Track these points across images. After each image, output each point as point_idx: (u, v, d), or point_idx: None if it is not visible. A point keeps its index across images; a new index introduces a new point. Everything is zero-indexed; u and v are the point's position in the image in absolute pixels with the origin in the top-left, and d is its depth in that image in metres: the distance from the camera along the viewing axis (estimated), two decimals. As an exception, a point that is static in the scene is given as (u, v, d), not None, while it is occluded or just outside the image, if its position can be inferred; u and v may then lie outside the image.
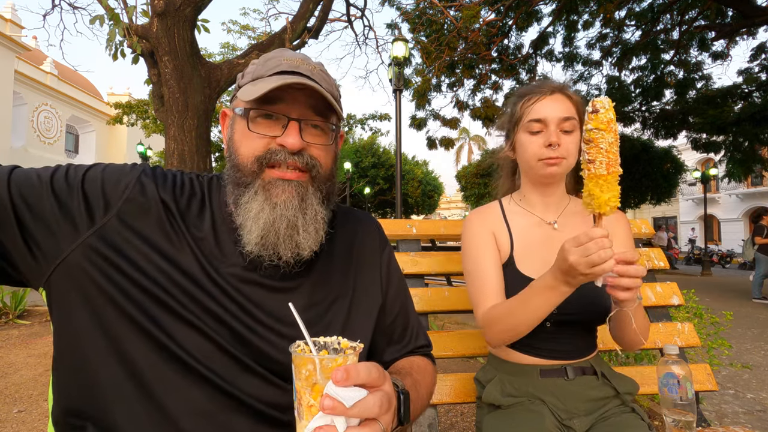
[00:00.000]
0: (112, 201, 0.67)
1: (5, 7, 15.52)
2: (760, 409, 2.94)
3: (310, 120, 0.72)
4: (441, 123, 11.86)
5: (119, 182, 0.69)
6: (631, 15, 10.10)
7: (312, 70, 0.73)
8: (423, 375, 0.81)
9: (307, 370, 0.50)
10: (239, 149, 0.72)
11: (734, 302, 7.90)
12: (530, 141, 1.08)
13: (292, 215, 0.69)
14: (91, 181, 0.68)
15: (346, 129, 14.67)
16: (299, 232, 0.70)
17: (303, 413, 0.50)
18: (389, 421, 0.54)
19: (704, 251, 15.56)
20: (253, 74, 0.73)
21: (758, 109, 8.94)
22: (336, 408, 0.46)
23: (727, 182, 12.99)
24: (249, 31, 12.09)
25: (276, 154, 0.69)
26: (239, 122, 0.73)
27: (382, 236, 0.91)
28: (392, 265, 0.90)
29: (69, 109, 19.29)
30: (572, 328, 1.05)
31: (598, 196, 0.78)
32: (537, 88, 1.10)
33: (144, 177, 0.72)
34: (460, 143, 47.86)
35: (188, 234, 0.70)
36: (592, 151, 0.78)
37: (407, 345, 0.88)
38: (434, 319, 5.11)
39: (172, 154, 3.23)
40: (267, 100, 0.69)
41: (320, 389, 0.49)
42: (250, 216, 0.69)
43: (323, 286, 0.78)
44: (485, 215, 1.17)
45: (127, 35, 3.12)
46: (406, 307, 0.90)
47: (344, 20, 7.02)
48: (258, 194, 0.70)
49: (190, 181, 0.77)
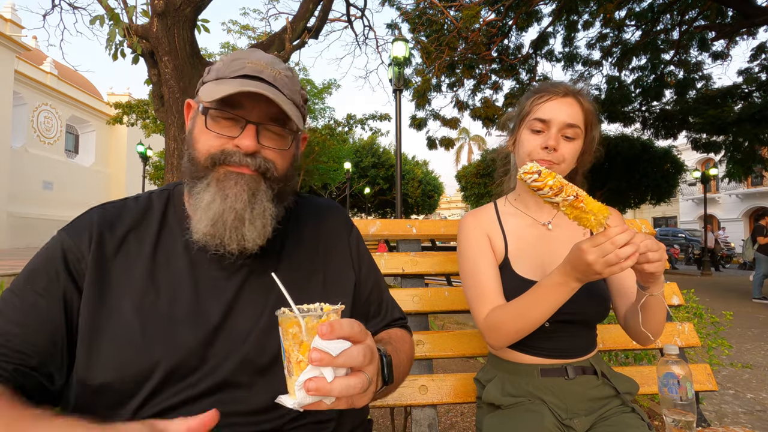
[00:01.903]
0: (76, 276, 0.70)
1: (5, 7, 15.52)
2: (760, 409, 2.94)
3: (267, 125, 0.74)
4: (441, 123, 11.86)
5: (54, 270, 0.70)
6: (631, 15, 10.09)
7: (276, 75, 0.74)
8: (401, 343, 0.86)
9: (293, 330, 0.53)
10: (196, 144, 0.74)
11: (734, 302, 7.90)
12: (530, 139, 1.08)
13: (240, 207, 0.71)
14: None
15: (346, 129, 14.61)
16: (245, 224, 0.72)
17: (293, 369, 0.53)
18: (374, 372, 0.58)
19: (704, 251, 15.55)
20: (217, 73, 0.75)
21: (758, 109, 8.94)
22: (323, 359, 0.50)
23: (727, 182, 12.99)
24: (249, 31, 12.07)
25: (230, 155, 0.72)
26: (200, 118, 0.75)
27: (348, 220, 0.96)
28: (361, 246, 0.95)
29: (69, 109, 19.29)
30: (571, 327, 1.05)
31: (588, 219, 0.80)
32: (551, 87, 1.08)
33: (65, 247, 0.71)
34: (460, 143, 47.87)
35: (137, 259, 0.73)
36: (556, 200, 0.81)
37: (384, 318, 0.93)
38: (434, 319, 5.10)
39: (172, 154, 3.23)
40: (226, 102, 0.71)
41: (307, 346, 0.52)
42: (201, 206, 0.72)
43: (295, 271, 0.81)
44: (479, 217, 1.17)
45: (127, 35, 3.12)
46: (378, 283, 0.95)
47: (344, 20, 7.02)
48: (210, 185, 0.72)
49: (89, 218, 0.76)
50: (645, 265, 0.81)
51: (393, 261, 1.43)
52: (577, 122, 1.05)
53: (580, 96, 1.07)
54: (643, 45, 10.11)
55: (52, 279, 0.68)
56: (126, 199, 0.81)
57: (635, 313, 0.96)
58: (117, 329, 0.67)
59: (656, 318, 0.94)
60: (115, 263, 0.72)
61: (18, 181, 15.83)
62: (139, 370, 0.66)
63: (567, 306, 0.93)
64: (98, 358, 0.66)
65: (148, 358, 0.66)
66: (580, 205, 0.79)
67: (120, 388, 0.66)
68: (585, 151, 1.12)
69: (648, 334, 0.95)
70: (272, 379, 0.72)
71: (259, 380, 0.72)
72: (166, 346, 0.68)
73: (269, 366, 0.73)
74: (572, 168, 1.11)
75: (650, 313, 0.93)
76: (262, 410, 0.71)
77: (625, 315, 1.04)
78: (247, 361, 0.71)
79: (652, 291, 0.88)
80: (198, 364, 0.69)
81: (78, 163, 19.99)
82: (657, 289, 0.88)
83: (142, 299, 0.70)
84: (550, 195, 0.80)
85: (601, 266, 0.79)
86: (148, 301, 0.70)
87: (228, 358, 0.70)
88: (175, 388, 0.67)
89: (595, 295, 1.04)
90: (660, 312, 0.92)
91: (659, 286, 0.87)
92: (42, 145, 17.81)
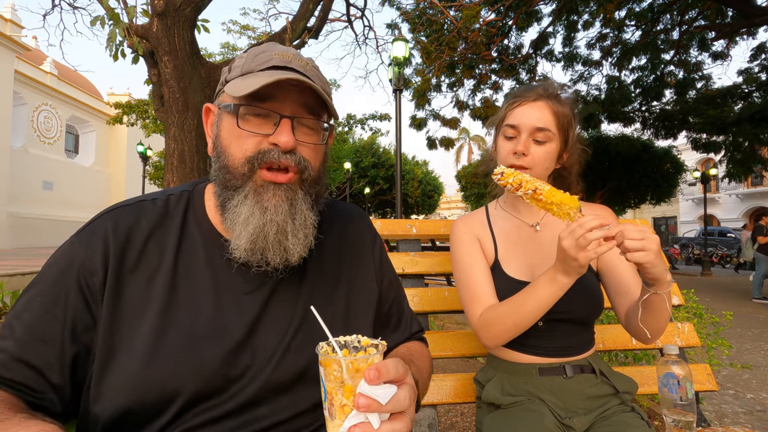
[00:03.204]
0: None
1: (5, 7, 15.51)
2: (760, 409, 2.94)
3: (302, 118, 0.70)
4: (441, 123, 11.86)
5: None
6: (631, 15, 10.09)
7: (305, 66, 0.71)
8: (422, 360, 0.84)
9: (335, 370, 0.51)
10: (229, 149, 0.69)
11: (734, 302, 7.90)
12: (503, 145, 1.11)
13: (281, 220, 0.68)
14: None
15: (346, 129, 14.60)
16: (288, 238, 0.68)
17: (336, 413, 0.51)
18: (414, 411, 0.56)
19: (704, 251, 15.55)
20: (242, 68, 0.70)
21: (758, 109, 8.94)
22: (371, 406, 0.48)
23: (727, 182, 12.98)
24: (249, 31, 12.07)
25: (268, 154, 0.67)
26: (227, 119, 0.70)
27: (372, 229, 0.92)
28: (384, 257, 0.92)
29: (69, 109, 19.27)
30: (566, 326, 1.06)
31: (552, 209, 0.88)
32: (524, 92, 1.11)
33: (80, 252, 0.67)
34: (460, 143, 47.86)
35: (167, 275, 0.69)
36: (519, 194, 0.92)
37: (404, 332, 0.91)
38: (434, 319, 5.11)
39: (172, 154, 3.22)
40: (257, 96, 0.66)
41: (350, 388, 0.50)
42: (239, 221, 0.67)
43: (320, 285, 0.78)
44: (469, 221, 1.20)
45: (127, 35, 3.12)
46: (399, 295, 0.93)
47: (344, 20, 7.02)
48: (248, 198, 0.68)
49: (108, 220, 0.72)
50: (627, 255, 0.82)
51: (393, 261, 1.42)
52: (547, 125, 1.06)
53: (552, 99, 1.08)
54: (643, 45, 10.11)
55: (60, 298, 0.63)
56: (142, 200, 0.74)
57: (636, 310, 0.95)
58: (136, 350, 0.63)
59: (656, 317, 0.93)
60: (133, 277, 0.67)
61: (18, 181, 15.82)
62: (161, 394, 0.62)
63: (558, 305, 0.94)
64: (117, 379, 0.62)
65: (172, 382, 0.62)
66: (540, 197, 0.89)
67: (140, 413, 0.62)
68: (564, 153, 1.12)
69: (645, 330, 0.94)
70: (295, 397, 0.70)
71: (282, 399, 0.70)
72: (188, 367, 0.63)
73: (292, 384, 0.70)
74: (553, 169, 1.12)
75: (650, 312, 0.92)
76: (283, 425, 0.69)
77: (627, 313, 1.03)
78: (272, 381, 0.68)
79: (656, 289, 0.87)
80: (222, 385, 0.65)
81: (78, 163, 19.97)
82: (661, 288, 0.87)
83: (163, 316, 0.65)
84: (513, 191, 0.92)
85: (574, 250, 0.82)
86: (169, 317, 0.66)
87: (253, 378, 0.67)
88: (198, 409, 0.64)
89: (583, 292, 1.04)
90: (661, 312, 0.91)
91: (664, 285, 0.86)
92: (42, 145, 17.79)
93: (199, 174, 3.21)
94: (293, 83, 0.66)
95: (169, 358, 0.63)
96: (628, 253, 0.81)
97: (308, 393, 0.71)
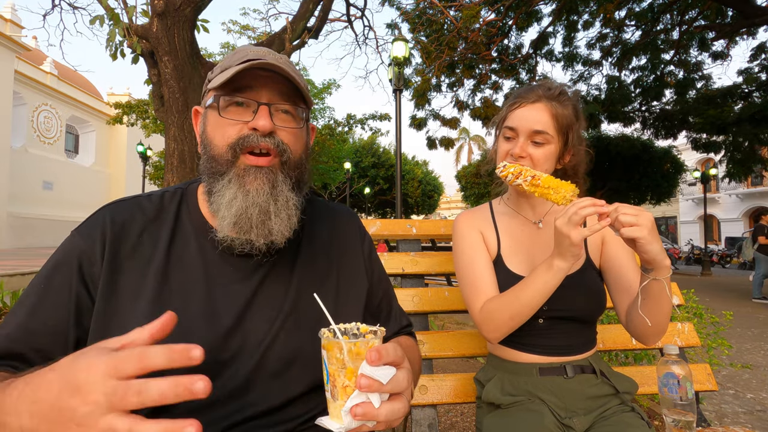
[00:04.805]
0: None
1: (5, 7, 15.51)
2: (760, 409, 2.94)
3: (279, 104, 0.74)
4: (441, 123, 11.86)
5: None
6: (631, 15, 10.09)
7: (278, 59, 0.75)
8: (412, 353, 0.88)
9: (338, 354, 0.54)
10: (214, 140, 0.73)
11: (734, 302, 7.90)
12: (502, 146, 1.12)
13: (263, 201, 0.71)
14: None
15: (346, 129, 14.60)
16: (271, 218, 0.71)
17: (338, 394, 0.54)
18: (410, 394, 0.59)
19: (704, 251, 15.55)
20: (222, 66, 0.76)
21: (758, 109, 8.95)
22: (372, 386, 0.51)
23: (727, 182, 12.97)
24: (249, 31, 12.05)
25: (248, 138, 0.71)
26: (211, 114, 0.75)
27: (361, 228, 0.96)
28: (373, 254, 0.95)
29: (69, 109, 19.26)
30: (564, 324, 1.06)
31: (549, 194, 0.91)
32: (525, 92, 1.10)
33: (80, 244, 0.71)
34: (460, 143, 47.88)
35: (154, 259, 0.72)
36: (518, 182, 0.97)
37: (394, 325, 0.95)
38: (434, 319, 5.11)
39: (172, 154, 3.22)
40: (237, 88, 0.71)
41: (351, 370, 0.53)
42: (224, 202, 0.71)
43: (310, 272, 0.81)
44: (473, 216, 1.20)
45: (127, 35, 3.12)
46: (388, 291, 0.96)
47: (344, 20, 7.02)
48: (232, 182, 0.71)
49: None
50: (621, 230, 0.82)
51: (393, 261, 1.43)
52: (545, 128, 1.05)
53: (552, 100, 1.07)
54: (643, 45, 10.11)
55: (64, 285, 0.67)
56: (138, 197, 0.79)
57: (637, 303, 0.93)
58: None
59: (657, 306, 0.90)
60: (128, 266, 0.71)
61: (18, 181, 15.81)
62: None
63: (557, 302, 0.95)
64: None
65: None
66: (537, 183, 0.92)
67: None
68: (565, 154, 1.12)
69: (646, 319, 0.91)
70: (285, 384, 0.72)
71: (273, 385, 0.71)
72: None
73: (283, 371, 0.72)
74: (554, 170, 1.11)
75: (651, 300, 0.90)
76: (276, 412, 0.71)
77: (628, 310, 1.01)
78: (262, 366, 0.71)
79: (655, 275, 0.86)
80: (213, 369, 0.67)
81: (78, 163, 19.96)
82: (660, 273, 0.85)
83: (155, 303, 0.69)
84: (513, 180, 0.96)
85: (567, 227, 0.85)
86: (162, 304, 0.69)
87: (244, 363, 0.70)
88: None
89: (584, 290, 1.04)
90: (662, 300, 0.89)
91: (662, 270, 0.85)
92: (42, 145, 17.79)
93: (199, 174, 3.21)
94: (267, 72, 0.71)
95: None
96: (622, 228, 0.82)
97: (299, 380, 0.73)
